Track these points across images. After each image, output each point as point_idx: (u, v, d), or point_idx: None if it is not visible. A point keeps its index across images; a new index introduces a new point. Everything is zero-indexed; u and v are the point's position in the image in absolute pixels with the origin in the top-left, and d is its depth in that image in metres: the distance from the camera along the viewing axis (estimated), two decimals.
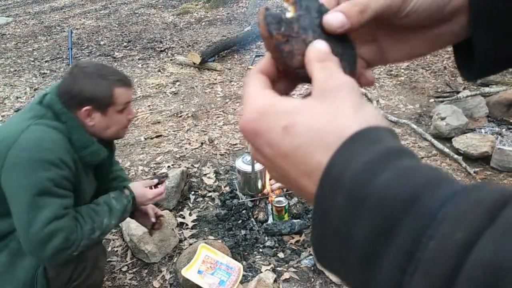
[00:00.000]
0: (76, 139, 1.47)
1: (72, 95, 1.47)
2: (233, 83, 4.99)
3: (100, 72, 1.50)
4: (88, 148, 1.50)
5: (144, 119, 4.17)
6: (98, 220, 1.51)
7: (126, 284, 2.21)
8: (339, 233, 0.26)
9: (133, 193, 1.68)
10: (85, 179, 1.55)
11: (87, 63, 1.56)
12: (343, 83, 0.32)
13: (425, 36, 0.41)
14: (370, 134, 0.28)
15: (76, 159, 1.48)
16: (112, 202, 1.59)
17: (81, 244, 1.43)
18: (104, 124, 1.54)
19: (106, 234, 1.59)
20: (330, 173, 0.27)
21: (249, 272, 2.21)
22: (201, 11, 8.40)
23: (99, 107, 1.50)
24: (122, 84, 1.54)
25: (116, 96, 1.51)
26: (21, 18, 8.83)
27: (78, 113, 1.49)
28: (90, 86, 1.47)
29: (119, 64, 5.85)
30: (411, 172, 0.25)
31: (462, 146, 3.12)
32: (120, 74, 1.58)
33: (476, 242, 0.21)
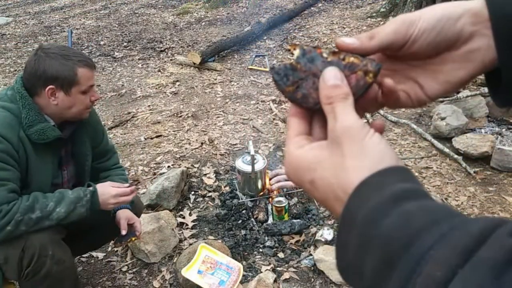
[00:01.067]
0: (25, 117, 1.53)
1: (37, 75, 1.54)
2: (233, 83, 4.99)
3: (63, 53, 1.57)
4: (35, 126, 1.54)
5: (144, 119, 4.17)
6: (42, 201, 1.54)
7: (126, 284, 2.21)
8: (354, 262, 0.33)
9: (95, 187, 1.67)
10: (36, 158, 1.57)
11: (50, 45, 1.62)
12: (345, 130, 0.35)
13: (452, 58, 0.42)
14: (371, 184, 0.33)
15: (23, 136, 1.53)
16: (67, 191, 1.62)
17: (16, 218, 1.46)
18: (67, 103, 1.60)
19: (53, 220, 1.54)
20: (344, 221, 0.34)
21: (249, 272, 2.21)
22: (201, 11, 8.40)
23: (63, 86, 1.56)
24: (85, 65, 1.60)
25: (79, 75, 1.58)
26: (21, 18, 8.83)
27: (42, 93, 1.56)
28: (53, 66, 1.54)
29: (119, 64, 5.85)
30: (410, 217, 0.30)
31: (462, 146, 3.12)
32: (83, 55, 1.64)
33: (452, 280, 0.26)
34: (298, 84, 0.39)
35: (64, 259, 1.61)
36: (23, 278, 1.55)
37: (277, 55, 5.89)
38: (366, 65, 0.38)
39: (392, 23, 0.41)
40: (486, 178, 2.93)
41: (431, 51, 0.42)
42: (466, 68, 0.42)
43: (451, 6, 0.41)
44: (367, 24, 6.56)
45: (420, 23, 0.40)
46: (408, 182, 0.33)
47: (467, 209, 2.63)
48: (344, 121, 0.36)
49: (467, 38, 0.41)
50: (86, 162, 1.83)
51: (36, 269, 1.53)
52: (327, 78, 0.38)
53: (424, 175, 3.01)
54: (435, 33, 0.40)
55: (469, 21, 0.40)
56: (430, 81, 0.44)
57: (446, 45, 0.41)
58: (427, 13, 0.41)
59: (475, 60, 0.41)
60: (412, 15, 0.41)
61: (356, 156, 0.34)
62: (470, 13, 0.41)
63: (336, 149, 0.35)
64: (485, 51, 0.41)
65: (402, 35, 0.41)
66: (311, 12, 7.52)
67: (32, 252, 1.52)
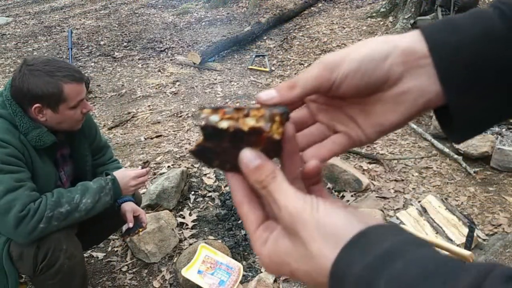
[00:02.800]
0: (19, 124, 1.52)
1: (22, 93, 1.51)
2: (233, 83, 4.99)
3: (47, 69, 1.50)
4: (31, 133, 1.53)
5: (144, 119, 4.17)
6: (68, 195, 1.55)
7: (126, 284, 2.21)
8: None
9: (113, 175, 1.70)
10: (39, 161, 1.58)
11: (34, 60, 1.53)
12: (292, 219, 0.33)
13: (383, 99, 0.39)
14: (341, 265, 0.30)
15: (24, 140, 1.53)
16: (89, 183, 1.64)
17: (47, 214, 1.47)
18: (56, 119, 1.57)
19: (81, 212, 1.56)
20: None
21: (249, 272, 2.21)
22: (201, 11, 8.40)
23: (49, 104, 1.52)
24: (72, 80, 1.53)
25: (66, 92, 1.52)
26: (21, 18, 8.83)
27: (30, 109, 1.53)
28: (38, 85, 1.48)
29: (119, 64, 5.85)
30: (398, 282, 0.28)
31: (462, 146, 3.12)
32: (69, 69, 1.55)
33: None
34: (220, 159, 0.38)
35: (75, 254, 1.63)
36: (37, 273, 1.57)
37: (277, 55, 5.89)
38: (271, 119, 0.35)
39: (315, 68, 0.38)
40: (486, 178, 2.93)
41: (361, 93, 0.39)
42: (398, 111, 0.39)
43: (377, 45, 0.38)
44: (367, 24, 6.56)
45: (343, 67, 0.37)
46: (379, 242, 0.30)
47: (467, 209, 2.63)
48: (287, 207, 0.33)
49: (396, 79, 0.37)
50: (87, 163, 1.84)
51: (50, 263, 1.55)
52: (245, 163, 0.35)
53: (424, 175, 3.01)
54: (360, 75, 0.37)
55: (397, 61, 0.37)
56: (365, 122, 0.41)
57: (375, 87, 0.38)
58: (351, 54, 0.38)
59: (406, 103, 0.38)
60: (336, 57, 0.38)
61: (316, 240, 0.31)
62: (399, 52, 0.37)
63: (295, 238, 0.33)
64: (418, 93, 0.37)
65: (325, 80, 0.38)
66: (311, 12, 7.52)
67: (48, 247, 1.54)
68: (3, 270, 1.58)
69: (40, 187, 1.56)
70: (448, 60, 0.36)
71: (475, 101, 0.37)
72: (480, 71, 0.36)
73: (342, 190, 2.82)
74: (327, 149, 0.42)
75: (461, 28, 0.36)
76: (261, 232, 0.36)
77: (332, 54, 0.39)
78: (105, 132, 3.96)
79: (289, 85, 0.39)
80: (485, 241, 2.37)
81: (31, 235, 1.48)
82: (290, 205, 0.33)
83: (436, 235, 2.32)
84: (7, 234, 1.54)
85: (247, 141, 0.35)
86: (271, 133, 0.34)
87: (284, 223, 0.34)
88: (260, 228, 0.36)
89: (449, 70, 0.36)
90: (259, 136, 0.35)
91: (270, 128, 0.34)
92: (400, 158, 3.20)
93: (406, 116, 0.39)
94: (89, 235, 1.92)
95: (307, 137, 0.43)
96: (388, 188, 2.85)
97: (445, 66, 0.36)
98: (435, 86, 0.37)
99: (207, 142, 0.37)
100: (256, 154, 0.35)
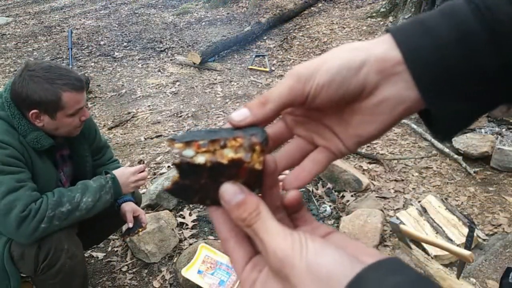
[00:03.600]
0: (18, 126, 1.53)
1: (21, 98, 1.51)
2: (233, 83, 4.99)
3: (47, 76, 1.49)
4: (29, 135, 1.54)
5: (144, 119, 4.17)
6: (68, 194, 1.56)
7: (126, 284, 2.21)
8: None
9: (113, 174, 1.71)
10: (38, 162, 1.58)
11: (36, 65, 1.54)
12: (281, 263, 0.30)
13: (360, 110, 0.37)
14: None
15: (23, 141, 1.53)
16: (89, 182, 1.64)
17: (48, 214, 1.48)
18: (53, 126, 1.57)
19: (82, 211, 1.57)
20: None
21: None
22: (201, 11, 8.40)
23: (47, 111, 1.52)
24: (71, 88, 1.52)
25: (65, 100, 1.52)
26: (21, 18, 8.83)
27: (27, 114, 1.53)
28: (36, 92, 1.48)
29: (119, 64, 5.85)
30: None
31: (462, 146, 3.12)
32: (70, 77, 1.54)
33: None
34: (200, 195, 0.36)
35: (77, 254, 1.63)
36: (38, 272, 1.57)
37: (277, 55, 5.89)
38: (251, 148, 0.33)
39: (287, 80, 0.36)
40: (486, 178, 2.93)
41: (337, 104, 0.37)
42: (376, 121, 0.37)
43: (351, 53, 0.36)
44: (367, 24, 6.56)
45: (317, 78, 0.35)
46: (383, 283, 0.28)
47: (467, 209, 2.63)
48: (275, 251, 0.31)
49: (372, 88, 0.36)
50: (87, 164, 1.84)
51: (51, 263, 1.55)
52: (227, 199, 0.33)
53: (424, 175, 3.01)
54: (335, 86, 0.36)
55: (373, 69, 0.35)
56: (344, 132, 0.39)
57: (351, 97, 0.37)
58: (325, 64, 0.36)
59: (385, 112, 0.37)
60: (310, 68, 0.36)
61: (308, 285, 0.29)
62: (373, 59, 0.35)
63: (285, 283, 0.31)
64: (396, 100, 0.36)
65: (299, 92, 0.36)
66: (311, 12, 7.52)
67: (49, 247, 1.54)
68: (5, 271, 1.58)
69: (41, 187, 1.57)
70: (423, 66, 0.35)
71: (454, 104, 0.36)
72: (456, 76, 0.34)
73: (342, 190, 2.82)
74: (307, 172, 0.40)
75: (433, 30, 0.35)
76: (248, 272, 0.34)
77: (305, 65, 0.37)
78: (105, 132, 3.96)
79: (261, 101, 0.36)
80: (485, 241, 2.37)
81: (33, 235, 1.48)
82: (278, 249, 0.30)
83: (436, 235, 2.32)
84: (8, 234, 1.54)
85: (227, 174, 0.33)
86: (252, 163, 0.32)
87: (272, 267, 0.31)
88: (248, 267, 0.34)
89: (425, 75, 0.35)
90: (239, 168, 0.33)
91: (250, 158, 0.32)
92: (400, 158, 3.20)
93: (386, 124, 0.38)
94: (89, 235, 1.93)
95: (286, 157, 0.41)
96: (388, 188, 2.85)
97: (420, 72, 0.35)
98: (413, 92, 0.36)
99: (184, 180, 0.34)
100: (237, 188, 0.33)
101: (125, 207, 1.87)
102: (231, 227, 0.35)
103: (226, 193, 0.33)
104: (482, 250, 2.31)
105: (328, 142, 0.40)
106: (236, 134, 0.33)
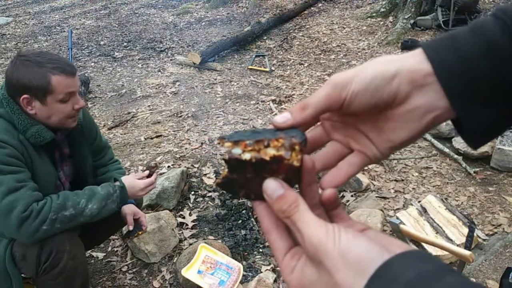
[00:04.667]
0: (18, 122, 1.52)
1: (12, 84, 1.51)
2: (233, 83, 4.99)
3: (37, 60, 1.50)
4: (30, 130, 1.53)
5: (144, 119, 4.17)
6: (73, 199, 1.55)
7: (126, 284, 2.21)
8: None
9: (122, 183, 1.71)
10: (38, 160, 1.58)
11: (27, 51, 1.55)
12: (316, 248, 0.34)
13: (392, 116, 0.41)
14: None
15: (23, 139, 1.53)
16: (97, 188, 1.64)
17: (50, 217, 1.47)
18: (45, 113, 1.55)
19: (86, 217, 1.57)
20: None
21: (249, 272, 2.21)
22: (201, 11, 8.40)
23: (37, 95, 1.51)
24: (60, 71, 1.51)
25: (54, 84, 1.50)
26: (21, 18, 8.83)
27: (19, 101, 1.53)
28: (25, 75, 1.49)
29: (119, 64, 5.85)
30: None
31: (462, 146, 3.12)
32: (60, 62, 1.54)
33: None
34: (245, 190, 0.40)
35: (78, 255, 1.63)
36: (40, 273, 1.57)
37: (277, 55, 5.89)
38: (291, 147, 0.37)
39: (325, 88, 0.40)
40: (486, 178, 2.93)
41: (371, 110, 0.41)
42: (408, 128, 0.41)
43: (384, 64, 0.40)
44: (367, 24, 6.56)
45: (352, 86, 0.39)
46: (404, 274, 0.30)
47: (467, 209, 2.64)
48: (311, 239, 0.34)
49: (404, 97, 0.39)
50: (87, 163, 1.84)
51: (53, 264, 1.55)
52: (269, 193, 0.37)
53: (424, 175, 3.01)
54: (369, 94, 0.39)
55: (404, 80, 0.39)
56: (378, 138, 0.43)
57: (384, 105, 0.40)
58: (360, 73, 0.39)
59: (415, 119, 0.40)
60: (345, 76, 0.40)
61: (340, 270, 0.32)
62: (405, 70, 0.39)
63: (320, 267, 0.34)
64: (426, 109, 0.39)
65: (336, 99, 0.40)
66: (311, 12, 7.52)
67: (50, 248, 1.54)
68: (7, 273, 1.58)
69: (40, 186, 1.56)
70: (452, 77, 0.38)
71: (482, 112, 0.38)
72: (482, 86, 0.37)
73: (342, 190, 2.82)
74: (344, 173, 0.44)
75: (462, 45, 0.38)
76: (288, 260, 0.37)
77: (341, 74, 0.40)
78: (105, 132, 3.96)
79: (301, 106, 0.40)
80: (485, 241, 2.37)
81: (34, 236, 1.48)
82: (313, 236, 0.34)
83: (436, 235, 2.32)
84: (10, 234, 1.54)
85: (269, 170, 0.37)
86: (291, 160, 0.36)
87: (308, 253, 0.35)
88: (288, 256, 0.38)
89: (453, 86, 0.38)
90: (280, 164, 0.37)
91: (290, 156, 0.36)
92: (400, 158, 3.20)
93: (417, 131, 0.41)
94: (90, 236, 1.92)
95: (323, 158, 0.45)
96: (388, 188, 2.86)
97: (449, 82, 0.38)
98: (443, 101, 0.39)
99: (232, 174, 0.39)
100: (279, 183, 0.37)
101: (125, 209, 1.87)
102: (273, 220, 0.39)
103: (269, 187, 0.37)
104: (482, 250, 2.31)
105: (363, 147, 0.43)
106: (278, 135, 0.37)
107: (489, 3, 6.68)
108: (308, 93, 4.59)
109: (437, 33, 5.92)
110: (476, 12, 6.03)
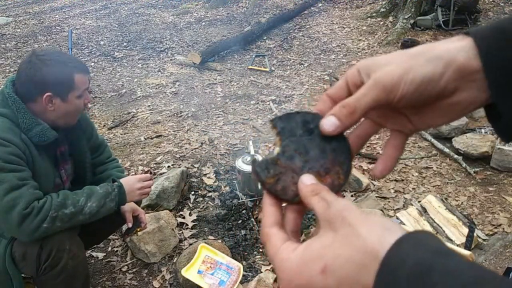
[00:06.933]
0: (22, 121, 1.55)
1: (33, 82, 1.54)
2: (233, 83, 4.99)
3: (59, 59, 1.59)
4: (33, 129, 1.56)
5: (144, 119, 4.17)
6: (73, 197, 1.57)
7: (126, 284, 2.21)
8: None
9: (120, 182, 1.73)
10: (39, 160, 1.59)
11: (44, 51, 1.62)
12: (343, 207, 0.36)
13: (435, 107, 0.43)
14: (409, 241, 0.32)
15: (25, 138, 1.55)
16: (95, 187, 1.66)
17: (51, 214, 1.49)
18: (63, 109, 1.61)
19: (86, 215, 1.59)
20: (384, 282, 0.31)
21: (249, 272, 2.21)
22: (201, 11, 8.40)
23: (60, 92, 1.57)
24: (81, 70, 1.63)
25: (76, 81, 1.60)
26: (21, 18, 8.83)
27: (39, 99, 1.56)
28: (51, 74, 1.55)
29: (119, 64, 5.85)
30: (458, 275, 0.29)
31: (462, 146, 3.12)
32: (78, 60, 1.69)
33: None
34: (278, 177, 0.42)
35: (78, 254, 1.64)
36: (40, 273, 1.57)
37: (277, 55, 5.89)
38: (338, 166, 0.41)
39: (372, 90, 0.40)
40: (486, 178, 2.93)
41: (417, 106, 0.43)
42: (447, 117, 0.44)
43: (433, 63, 0.40)
44: (367, 24, 6.56)
45: (401, 88, 0.40)
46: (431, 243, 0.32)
47: (467, 209, 2.63)
48: (338, 201, 0.37)
49: (450, 93, 0.41)
50: (86, 160, 1.86)
51: (53, 263, 1.56)
52: (305, 180, 0.40)
53: (424, 175, 3.01)
54: (417, 95, 0.40)
55: (452, 77, 0.40)
56: (417, 121, 0.45)
57: (430, 101, 0.42)
58: (409, 74, 0.40)
59: (456, 110, 0.43)
60: (393, 78, 0.40)
61: (364, 224, 0.34)
62: (453, 68, 0.39)
63: (340, 224, 0.35)
64: (468, 103, 0.41)
65: (384, 100, 0.41)
66: (311, 12, 7.52)
67: (50, 247, 1.55)
68: (7, 273, 1.58)
69: (40, 185, 1.57)
70: (500, 76, 0.39)
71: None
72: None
73: (342, 190, 2.81)
74: (393, 158, 0.46)
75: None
76: (288, 243, 0.39)
77: (388, 74, 0.40)
78: (105, 132, 3.96)
79: (349, 111, 0.41)
80: (485, 241, 2.37)
81: (34, 234, 1.48)
82: (339, 201, 0.37)
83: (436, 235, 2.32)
84: (10, 231, 1.54)
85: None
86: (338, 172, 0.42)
87: (330, 217, 0.36)
88: (288, 242, 0.39)
89: (499, 82, 0.39)
90: (327, 173, 0.42)
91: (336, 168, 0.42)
92: (400, 158, 3.20)
93: (454, 119, 0.44)
94: (89, 235, 1.93)
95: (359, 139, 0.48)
96: (388, 188, 2.86)
97: (495, 79, 0.39)
98: (484, 94, 0.40)
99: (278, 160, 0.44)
100: (315, 180, 0.41)
101: (124, 207, 1.87)
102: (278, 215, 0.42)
103: (306, 177, 0.41)
104: (482, 250, 2.31)
105: (401, 126, 0.46)
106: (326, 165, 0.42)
107: (489, 3, 6.68)
108: (308, 93, 4.59)
109: (437, 33, 5.92)
110: (476, 12, 6.03)
